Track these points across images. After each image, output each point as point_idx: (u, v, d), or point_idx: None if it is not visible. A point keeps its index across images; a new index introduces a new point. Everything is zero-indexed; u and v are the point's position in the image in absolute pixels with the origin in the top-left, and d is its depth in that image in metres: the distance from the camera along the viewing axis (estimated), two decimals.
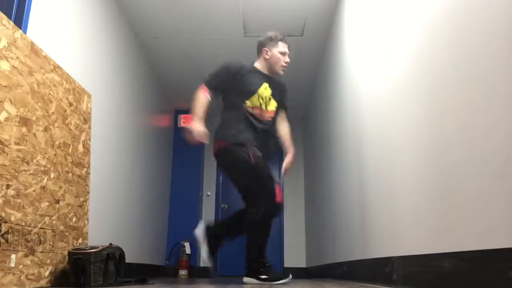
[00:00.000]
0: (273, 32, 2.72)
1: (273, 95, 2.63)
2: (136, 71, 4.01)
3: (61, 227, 2.20)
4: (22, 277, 1.82)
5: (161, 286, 2.28)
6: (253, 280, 2.44)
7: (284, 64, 2.67)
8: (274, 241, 5.33)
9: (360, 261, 2.43)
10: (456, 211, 1.23)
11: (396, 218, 1.82)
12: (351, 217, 2.78)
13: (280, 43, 2.67)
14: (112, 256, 2.17)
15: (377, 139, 2.16)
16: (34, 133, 1.98)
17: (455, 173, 1.25)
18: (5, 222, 1.72)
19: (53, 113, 2.17)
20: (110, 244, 2.28)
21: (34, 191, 1.95)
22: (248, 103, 2.55)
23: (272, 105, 2.63)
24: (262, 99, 2.59)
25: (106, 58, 3.22)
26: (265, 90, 2.60)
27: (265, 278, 2.44)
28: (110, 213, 3.25)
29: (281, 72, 2.68)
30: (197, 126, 2.43)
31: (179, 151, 5.56)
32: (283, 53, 2.66)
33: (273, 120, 2.69)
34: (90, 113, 2.66)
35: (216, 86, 2.58)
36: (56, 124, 2.19)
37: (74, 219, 2.35)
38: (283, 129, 2.78)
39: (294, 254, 5.57)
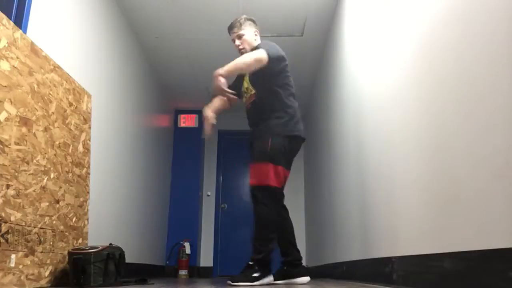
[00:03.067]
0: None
1: (252, 81, 2.51)
2: (136, 71, 4.01)
3: (61, 227, 2.20)
4: (22, 277, 1.82)
5: (161, 286, 2.28)
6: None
7: (239, 50, 2.56)
8: None
9: (360, 261, 2.43)
10: (456, 211, 1.23)
11: (396, 218, 1.82)
12: (351, 217, 2.78)
13: (230, 34, 2.61)
14: (112, 256, 2.17)
15: (377, 139, 2.16)
16: (34, 133, 1.98)
17: (455, 173, 1.25)
18: (5, 222, 1.72)
19: (53, 113, 2.17)
20: (110, 244, 2.28)
21: (34, 191, 1.95)
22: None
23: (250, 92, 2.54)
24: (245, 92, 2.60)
25: (106, 58, 3.22)
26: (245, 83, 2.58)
27: None
28: (110, 213, 3.25)
29: None
30: None
31: (179, 151, 5.56)
32: (233, 41, 2.60)
33: (258, 105, 2.51)
34: (90, 113, 2.66)
35: None
36: (56, 124, 2.19)
37: (74, 219, 2.35)
38: None
39: None
